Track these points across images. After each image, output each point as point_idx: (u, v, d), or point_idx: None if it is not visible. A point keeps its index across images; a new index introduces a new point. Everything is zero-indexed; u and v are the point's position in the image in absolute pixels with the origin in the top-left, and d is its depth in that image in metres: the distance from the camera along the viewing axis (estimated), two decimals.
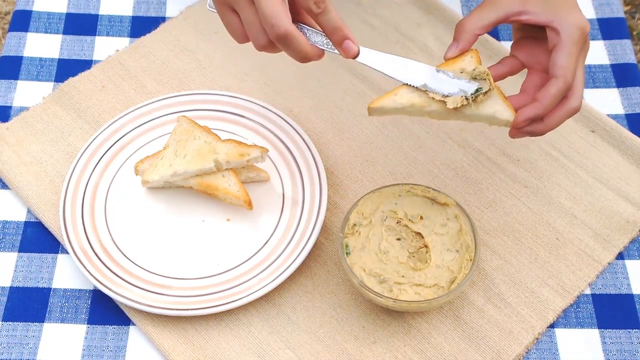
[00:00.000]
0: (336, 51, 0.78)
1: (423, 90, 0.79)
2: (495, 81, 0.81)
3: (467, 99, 0.78)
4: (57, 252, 0.93)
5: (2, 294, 0.89)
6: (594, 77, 1.07)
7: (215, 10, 0.80)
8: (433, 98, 0.79)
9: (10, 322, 0.88)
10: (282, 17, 0.74)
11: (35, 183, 0.96)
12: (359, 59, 0.79)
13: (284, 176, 0.96)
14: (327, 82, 1.05)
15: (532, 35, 0.83)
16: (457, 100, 0.78)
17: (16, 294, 0.89)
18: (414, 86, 0.80)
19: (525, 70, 0.85)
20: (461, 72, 0.80)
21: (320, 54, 0.78)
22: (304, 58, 0.77)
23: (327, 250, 0.92)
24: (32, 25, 1.12)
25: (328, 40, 0.78)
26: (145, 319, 0.87)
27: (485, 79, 0.79)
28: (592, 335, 0.87)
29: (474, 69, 0.79)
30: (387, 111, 0.80)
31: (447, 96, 0.79)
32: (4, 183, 0.98)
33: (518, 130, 0.79)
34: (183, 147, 0.93)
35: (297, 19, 0.78)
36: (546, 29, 0.79)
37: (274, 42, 0.76)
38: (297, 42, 0.75)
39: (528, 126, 0.79)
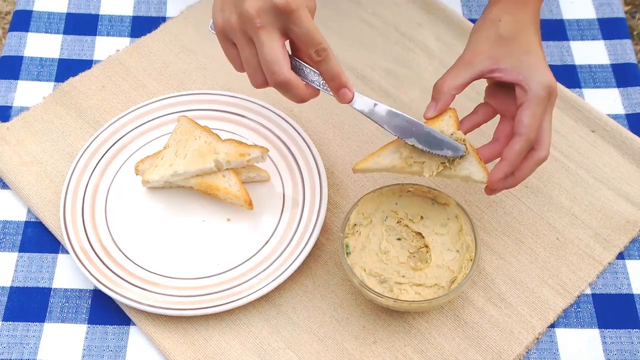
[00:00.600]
0: (331, 93, 0.80)
1: (406, 146, 0.83)
2: (471, 129, 0.87)
3: (444, 164, 0.83)
4: (57, 252, 0.93)
5: (3, 294, 0.89)
6: (594, 77, 1.07)
7: (215, 33, 0.80)
8: (413, 162, 0.83)
9: (10, 322, 0.88)
10: (282, 65, 0.75)
11: (36, 183, 0.96)
12: (353, 104, 0.81)
13: (284, 176, 0.96)
14: None
15: (504, 84, 0.86)
16: (432, 167, 0.83)
17: (16, 294, 0.89)
18: (401, 141, 0.83)
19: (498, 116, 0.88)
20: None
21: (317, 94, 0.80)
22: (300, 101, 0.79)
23: (328, 250, 0.92)
24: (32, 25, 1.12)
25: (324, 82, 0.80)
26: (145, 319, 0.87)
27: (463, 143, 0.83)
28: (592, 335, 0.87)
29: (452, 134, 0.84)
30: (370, 171, 0.85)
31: (430, 153, 0.83)
32: (4, 183, 0.98)
33: (492, 189, 0.83)
34: (183, 147, 0.93)
35: (295, 54, 0.80)
36: (515, 86, 0.83)
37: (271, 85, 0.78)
38: (295, 89, 0.77)
39: (501, 183, 0.83)
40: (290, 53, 0.79)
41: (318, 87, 0.80)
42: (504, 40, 0.84)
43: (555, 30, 1.12)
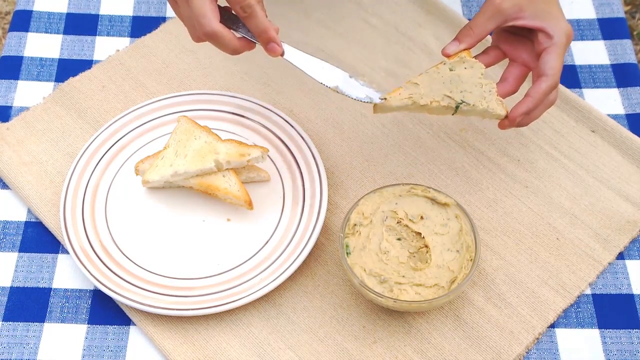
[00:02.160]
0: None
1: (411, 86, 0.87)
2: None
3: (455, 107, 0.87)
4: (57, 252, 0.93)
5: (3, 294, 0.89)
6: (594, 77, 1.07)
7: None
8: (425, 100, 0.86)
9: (10, 322, 0.88)
10: (210, 18, 0.81)
11: (36, 183, 0.96)
12: (285, 56, 0.86)
13: (285, 176, 0.96)
14: None
15: (513, 31, 0.91)
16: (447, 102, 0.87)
17: (16, 294, 0.89)
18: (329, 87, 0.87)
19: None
20: (465, 68, 0.88)
21: (252, 46, 0.86)
22: (233, 52, 0.84)
23: (328, 250, 0.92)
24: (32, 25, 1.12)
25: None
26: (145, 319, 0.87)
27: (481, 76, 0.88)
28: (592, 335, 0.87)
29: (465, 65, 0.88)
30: (392, 110, 0.87)
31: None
32: (4, 183, 0.98)
33: (511, 122, 0.87)
34: (183, 147, 0.93)
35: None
36: (538, 32, 0.87)
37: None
38: (223, 40, 0.83)
39: (520, 118, 0.87)
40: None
41: (252, 40, 0.84)
42: None
43: None
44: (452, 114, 0.87)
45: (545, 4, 0.89)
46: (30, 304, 0.89)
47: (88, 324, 0.88)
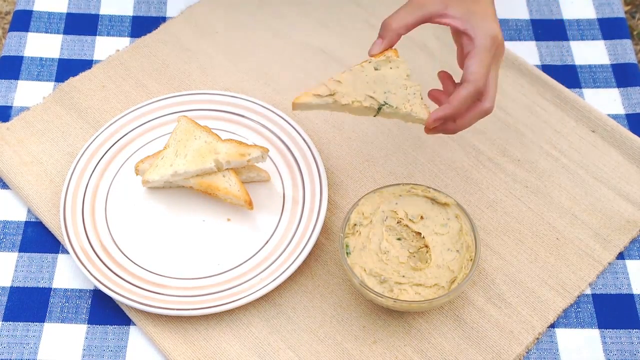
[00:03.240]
0: None
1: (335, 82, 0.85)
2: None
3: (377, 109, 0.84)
4: (57, 252, 0.93)
5: (3, 294, 0.89)
6: (594, 77, 1.07)
7: None
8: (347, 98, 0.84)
9: (10, 322, 0.88)
10: None
11: (36, 183, 0.96)
12: None
13: (285, 176, 0.96)
14: None
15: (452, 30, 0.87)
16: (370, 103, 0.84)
17: (16, 294, 0.89)
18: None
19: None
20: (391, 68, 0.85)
21: None
22: None
23: (328, 250, 0.92)
24: (32, 25, 1.12)
25: None
26: (145, 319, 0.87)
27: (406, 79, 0.85)
28: (592, 335, 0.87)
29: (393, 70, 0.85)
30: (309, 107, 0.84)
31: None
32: (4, 183, 0.98)
33: (427, 128, 0.84)
34: (183, 147, 0.93)
35: None
36: (462, 35, 0.83)
37: None
38: None
39: (440, 125, 0.83)
40: None
41: None
42: None
43: (555, 30, 1.12)
44: (374, 116, 0.84)
45: (473, 3, 0.84)
46: (30, 304, 0.89)
47: (88, 324, 0.88)
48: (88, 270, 0.88)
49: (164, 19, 1.13)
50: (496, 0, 1.13)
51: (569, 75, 1.07)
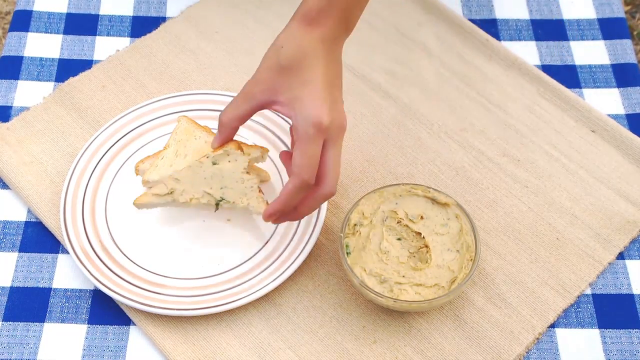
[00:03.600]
0: None
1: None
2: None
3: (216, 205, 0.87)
4: (57, 252, 0.93)
5: (3, 294, 0.89)
6: (594, 77, 1.07)
7: None
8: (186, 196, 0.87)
9: (10, 322, 0.88)
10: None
11: (36, 183, 0.96)
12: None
13: (285, 176, 0.96)
14: None
15: None
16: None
17: (16, 294, 0.89)
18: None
19: None
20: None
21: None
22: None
23: (328, 250, 0.92)
24: (32, 25, 1.12)
25: None
26: (145, 319, 0.87)
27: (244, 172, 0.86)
28: (592, 335, 0.87)
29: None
30: (153, 204, 0.87)
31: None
32: (4, 183, 0.98)
33: (266, 221, 0.83)
34: (183, 147, 0.93)
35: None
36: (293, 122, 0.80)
37: None
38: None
39: (281, 217, 0.82)
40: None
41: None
42: (283, 70, 0.79)
43: (555, 30, 1.12)
44: (214, 211, 0.86)
45: (301, 86, 0.78)
46: (30, 304, 0.89)
47: (88, 324, 0.88)
48: (88, 270, 0.88)
49: (164, 19, 1.13)
50: (496, 1, 1.14)
51: (569, 75, 1.07)
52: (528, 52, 1.09)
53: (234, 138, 0.87)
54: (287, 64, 0.79)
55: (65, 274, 0.91)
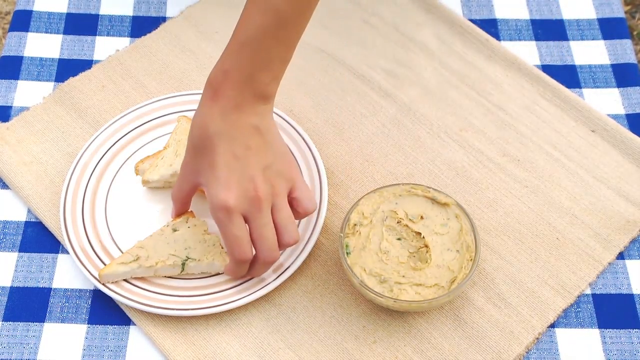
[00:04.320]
0: None
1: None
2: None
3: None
4: (57, 252, 0.93)
5: (2, 294, 0.89)
6: (594, 77, 1.07)
7: None
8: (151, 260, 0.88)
9: (10, 322, 0.88)
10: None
11: (36, 183, 0.96)
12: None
13: None
14: (327, 82, 1.05)
15: None
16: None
17: (16, 294, 0.89)
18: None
19: None
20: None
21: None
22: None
23: (328, 250, 0.92)
24: (32, 25, 1.12)
25: None
26: (145, 318, 0.87)
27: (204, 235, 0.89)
28: (592, 335, 0.87)
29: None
30: (118, 275, 0.87)
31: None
32: (4, 183, 0.98)
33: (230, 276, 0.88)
34: (183, 147, 0.93)
35: None
36: None
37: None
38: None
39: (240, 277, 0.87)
40: None
41: None
42: (196, 151, 0.81)
43: (555, 30, 1.12)
44: (180, 272, 0.88)
45: (208, 169, 0.79)
46: (30, 304, 0.89)
47: (88, 324, 0.88)
48: (88, 270, 0.88)
49: (164, 19, 1.13)
50: (496, 1, 1.14)
51: (569, 75, 1.07)
52: (528, 52, 1.09)
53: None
54: (197, 145, 0.81)
55: (65, 274, 0.91)
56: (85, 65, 1.08)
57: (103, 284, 0.87)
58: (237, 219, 0.80)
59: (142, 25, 1.12)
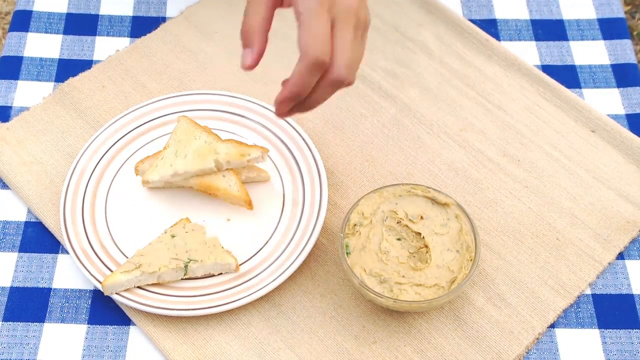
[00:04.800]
0: None
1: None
2: None
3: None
4: (57, 252, 0.93)
5: (2, 294, 0.89)
6: (594, 77, 1.07)
7: None
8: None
9: (10, 322, 0.88)
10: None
11: (36, 183, 0.96)
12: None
13: (284, 176, 0.96)
14: None
15: None
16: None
17: (16, 294, 0.89)
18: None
19: None
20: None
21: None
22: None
23: (328, 250, 0.92)
24: (32, 25, 1.12)
25: None
26: (145, 319, 0.87)
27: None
28: (592, 335, 0.87)
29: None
30: (122, 285, 0.87)
31: None
32: (4, 183, 0.98)
33: (283, 113, 0.77)
34: (183, 147, 0.93)
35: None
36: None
37: None
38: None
39: (295, 107, 0.77)
40: None
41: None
42: None
43: (555, 30, 1.12)
44: (184, 275, 0.88)
45: None
46: (30, 304, 0.89)
47: (88, 324, 0.88)
48: (88, 270, 0.88)
49: (164, 19, 1.13)
50: (496, 1, 1.14)
51: (569, 75, 1.07)
52: (528, 52, 1.09)
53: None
54: None
55: (65, 274, 0.91)
56: (85, 65, 1.08)
57: (99, 281, 0.87)
58: (326, 15, 0.71)
59: (142, 26, 1.12)
